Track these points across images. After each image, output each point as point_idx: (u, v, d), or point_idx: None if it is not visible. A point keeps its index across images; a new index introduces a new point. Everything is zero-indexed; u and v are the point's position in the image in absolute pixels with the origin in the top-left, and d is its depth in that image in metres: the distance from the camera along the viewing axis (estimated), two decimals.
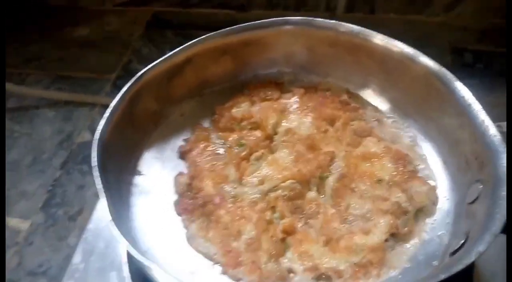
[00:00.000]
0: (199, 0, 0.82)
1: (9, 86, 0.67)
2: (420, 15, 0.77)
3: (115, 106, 0.39)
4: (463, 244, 0.30)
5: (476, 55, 0.70)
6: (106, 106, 0.66)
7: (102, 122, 0.37)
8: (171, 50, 0.77)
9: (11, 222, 0.55)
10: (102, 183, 0.33)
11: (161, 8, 0.85)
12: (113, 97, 0.69)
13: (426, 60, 0.40)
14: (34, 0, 0.86)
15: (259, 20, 0.72)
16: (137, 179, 0.41)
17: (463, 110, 0.36)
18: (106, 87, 0.72)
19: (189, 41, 0.78)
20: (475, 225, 0.31)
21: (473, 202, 0.33)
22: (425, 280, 0.27)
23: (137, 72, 0.73)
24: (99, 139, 0.36)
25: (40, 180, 0.60)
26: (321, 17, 0.78)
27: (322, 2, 0.79)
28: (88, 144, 0.64)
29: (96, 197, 0.57)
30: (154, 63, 0.42)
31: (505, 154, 0.32)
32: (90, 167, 0.59)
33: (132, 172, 0.41)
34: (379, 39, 0.42)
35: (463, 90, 0.37)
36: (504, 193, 0.29)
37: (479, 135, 0.34)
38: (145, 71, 0.42)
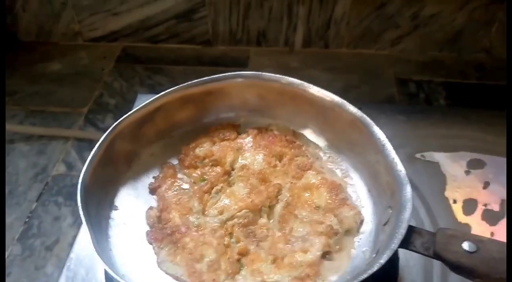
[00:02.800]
0: (167, 36, 0.88)
1: None
2: (369, 49, 0.86)
3: (95, 152, 0.45)
4: (374, 258, 0.39)
5: (418, 85, 0.79)
6: (80, 139, 0.72)
7: (84, 167, 0.44)
8: (140, 84, 0.82)
9: None
10: (85, 219, 0.40)
11: (131, 44, 0.90)
12: (86, 131, 0.74)
13: (352, 108, 0.49)
14: (6, 35, 0.89)
15: (224, 54, 0.79)
16: (114, 213, 0.47)
17: (379, 149, 0.45)
18: (79, 121, 0.76)
19: (157, 75, 0.83)
20: (383, 241, 0.39)
21: (385, 223, 0.42)
22: None
23: (108, 106, 0.79)
24: (82, 182, 0.42)
25: (16, 212, 0.63)
26: (281, 51, 0.86)
27: (282, 38, 0.87)
28: (63, 177, 0.68)
29: (72, 227, 0.61)
30: (129, 113, 0.49)
31: (409, 185, 0.41)
32: (65, 199, 0.65)
33: (110, 207, 0.47)
34: (315, 90, 0.51)
35: (379, 133, 0.46)
36: (403, 217, 0.38)
37: (390, 170, 0.43)
38: (121, 120, 0.48)
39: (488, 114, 0.67)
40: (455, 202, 0.55)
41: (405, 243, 0.37)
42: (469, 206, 0.54)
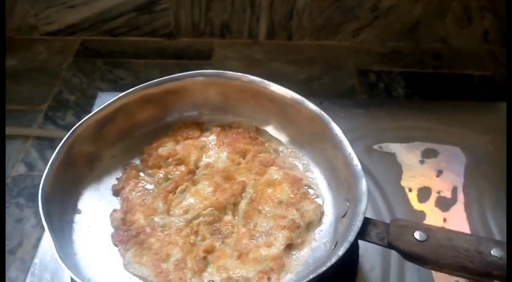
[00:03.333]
0: (127, 28, 0.86)
1: None
2: (331, 41, 0.88)
3: (55, 156, 0.44)
4: (333, 249, 0.41)
5: (378, 76, 0.81)
6: (40, 138, 0.71)
7: (44, 172, 0.43)
8: (101, 79, 0.80)
9: None
10: (47, 225, 0.39)
11: (90, 37, 0.88)
12: (46, 129, 0.72)
13: (311, 105, 0.50)
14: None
15: (187, 47, 0.77)
16: (77, 217, 0.46)
17: (337, 145, 0.47)
18: (38, 118, 0.74)
19: (118, 69, 0.82)
20: (341, 233, 0.41)
21: (343, 216, 0.44)
22: (303, 278, 0.37)
23: (68, 102, 0.78)
24: (43, 187, 0.42)
25: None
26: (244, 43, 0.86)
27: (245, 30, 0.87)
28: (23, 177, 0.67)
29: (35, 228, 0.60)
30: (89, 115, 0.48)
31: (364, 179, 0.43)
32: (27, 200, 0.63)
33: (73, 211, 0.47)
34: (276, 88, 0.52)
35: (336, 129, 0.48)
36: (359, 209, 0.40)
37: (347, 164, 0.45)
38: (81, 122, 0.47)
39: (441, 105, 0.70)
40: (410, 190, 0.58)
41: (361, 235, 0.39)
42: (424, 194, 0.58)
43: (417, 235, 0.38)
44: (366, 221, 0.40)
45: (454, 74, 0.81)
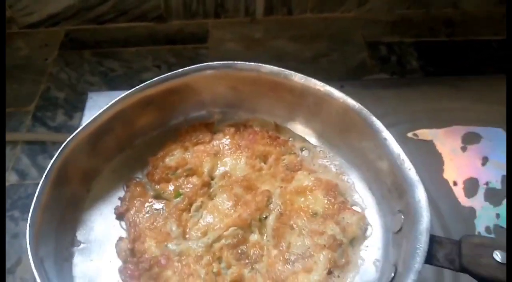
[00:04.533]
0: (114, 14, 0.80)
1: None
2: (334, 13, 0.82)
3: (43, 182, 0.38)
4: (393, 278, 0.34)
5: (389, 47, 0.76)
6: (30, 142, 0.64)
7: (32, 206, 0.36)
8: (91, 73, 0.74)
9: None
10: (39, 274, 0.32)
11: (74, 27, 0.82)
12: (36, 132, 0.67)
13: (341, 95, 0.42)
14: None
15: (180, 30, 0.71)
16: (77, 250, 0.40)
17: (380, 144, 0.40)
18: (26, 121, 0.68)
19: (108, 60, 0.76)
20: (401, 256, 0.34)
21: (397, 232, 0.37)
22: None
23: (57, 101, 0.72)
24: (30, 226, 0.34)
25: None
26: (242, 22, 0.80)
27: (242, 7, 0.81)
28: (16, 187, 0.61)
29: None
30: (82, 127, 0.41)
31: (421, 187, 0.36)
32: (22, 212, 0.57)
33: (71, 244, 0.40)
34: (297, 77, 0.44)
35: (378, 124, 0.40)
36: (423, 226, 0.33)
37: (395, 167, 0.38)
38: (72, 137, 0.40)
39: (476, 81, 0.62)
40: (455, 184, 0.51)
41: (427, 257, 0.32)
42: (470, 186, 0.51)
43: (497, 256, 0.31)
44: (430, 239, 0.33)
45: (470, 41, 0.76)
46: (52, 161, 0.39)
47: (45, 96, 0.71)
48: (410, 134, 0.56)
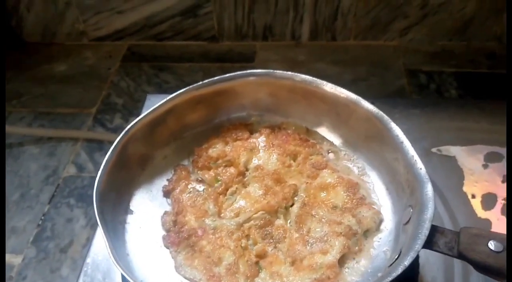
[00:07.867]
0: (172, 33, 0.88)
1: None
2: (377, 41, 0.85)
3: (108, 157, 0.44)
4: (397, 258, 0.38)
5: (429, 76, 0.78)
6: (89, 140, 0.73)
7: (98, 173, 0.43)
8: (147, 83, 0.82)
9: None
10: (102, 225, 0.39)
11: (136, 42, 0.90)
12: (95, 131, 0.75)
13: (367, 105, 0.48)
14: (10, 37, 0.89)
15: (230, 50, 0.77)
16: (129, 218, 0.46)
17: (398, 147, 0.44)
18: (87, 121, 0.76)
19: (164, 72, 0.83)
20: (406, 242, 0.38)
21: (406, 223, 0.41)
22: None
23: (116, 106, 0.80)
24: (97, 188, 0.42)
25: (29, 215, 0.63)
26: (288, 45, 0.85)
27: (288, 32, 0.86)
28: (74, 178, 0.69)
29: (85, 228, 0.62)
30: (141, 116, 0.48)
31: (429, 184, 0.40)
32: (77, 200, 0.65)
33: (125, 211, 0.47)
34: (329, 87, 0.50)
35: (397, 130, 0.45)
36: (426, 216, 0.37)
37: (409, 167, 0.42)
38: (133, 124, 0.47)
39: (503, 105, 0.65)
40: (473, 197, 0.54)
41: (428, 244, 0.36)
42: (488, 201, 0.53)
43: (491, 245, 0.34)
44: (433, 229, 0.37)
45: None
46: (116, 141, 0.46)
47: (106, 101, 0.80)
48: (434, 150, 0.59)
